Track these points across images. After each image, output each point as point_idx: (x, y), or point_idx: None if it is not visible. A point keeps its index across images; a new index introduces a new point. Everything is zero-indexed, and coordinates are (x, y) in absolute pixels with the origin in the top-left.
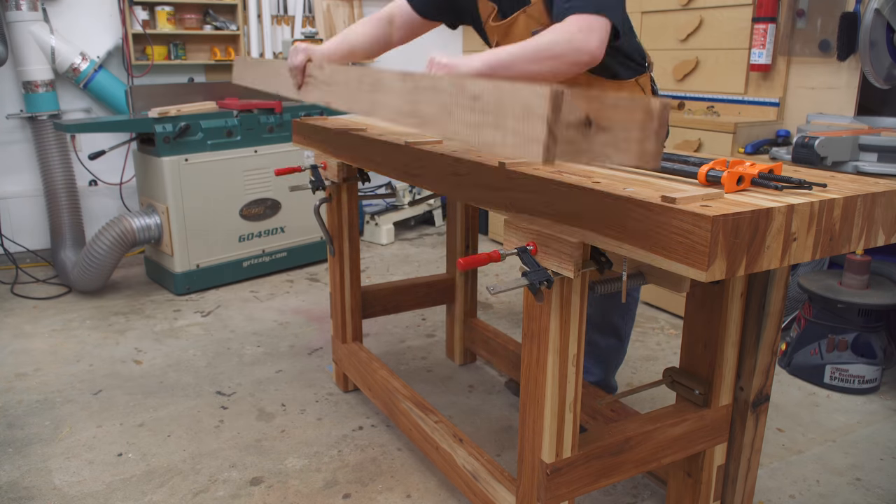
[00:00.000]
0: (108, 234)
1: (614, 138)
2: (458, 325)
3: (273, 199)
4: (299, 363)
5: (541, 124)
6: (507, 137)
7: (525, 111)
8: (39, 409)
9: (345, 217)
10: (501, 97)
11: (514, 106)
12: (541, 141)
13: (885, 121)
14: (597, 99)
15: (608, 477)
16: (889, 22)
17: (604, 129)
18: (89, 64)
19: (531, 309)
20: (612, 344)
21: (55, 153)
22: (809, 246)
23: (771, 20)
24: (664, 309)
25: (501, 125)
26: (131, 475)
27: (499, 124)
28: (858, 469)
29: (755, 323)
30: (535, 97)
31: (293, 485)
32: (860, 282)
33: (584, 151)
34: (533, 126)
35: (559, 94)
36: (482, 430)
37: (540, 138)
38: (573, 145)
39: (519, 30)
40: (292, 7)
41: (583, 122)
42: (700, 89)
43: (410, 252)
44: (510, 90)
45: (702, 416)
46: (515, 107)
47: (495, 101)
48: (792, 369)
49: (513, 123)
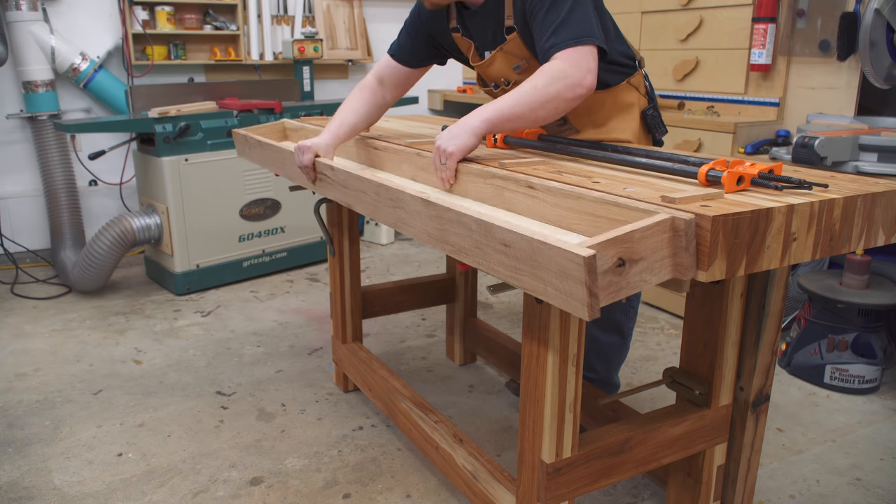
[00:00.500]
0: (108, 234)
1: (648, 264)
2: (458, 325)
3: (273, 199)
4: (299, 363)
5: (581, 288)
6: (549, 290)
7: (561, 272)
8: (39, 409)
9: (345, 217)
10: (533, 250)
11: (549, 263)
12: (584, 301)
13: (885, 121)
14: (626, 240)
15: (608, 477)
16: (889, 22)
17: (637, 261)
18: (89, 64)
19: (531, 309)
20: (614, 341)
21: (55, 153)
22: (809, 246)
23: (771, 20)
24: (664, 309)
25: (540, 277)
26: (131, 475)
27: (537, 276)
28: (858, 469)
29: (755, 323)
30: (569, 262)
31: (293, 485)
32: (860, 282)
33: (623, 287)
34: (573, 287)
35: (592, 258)
36: (482, 430)
37: (582, 299)
38: (612, 287)
39: (499, 67)
40: (292, 7)
41: (616, 264)
42: (700, 89)
43: (410, 252)
44: (541, 247)
45: (702, 416)
46: (550, 265)
47: (528, 252)
48: (792, 369)
49: (551, 278)
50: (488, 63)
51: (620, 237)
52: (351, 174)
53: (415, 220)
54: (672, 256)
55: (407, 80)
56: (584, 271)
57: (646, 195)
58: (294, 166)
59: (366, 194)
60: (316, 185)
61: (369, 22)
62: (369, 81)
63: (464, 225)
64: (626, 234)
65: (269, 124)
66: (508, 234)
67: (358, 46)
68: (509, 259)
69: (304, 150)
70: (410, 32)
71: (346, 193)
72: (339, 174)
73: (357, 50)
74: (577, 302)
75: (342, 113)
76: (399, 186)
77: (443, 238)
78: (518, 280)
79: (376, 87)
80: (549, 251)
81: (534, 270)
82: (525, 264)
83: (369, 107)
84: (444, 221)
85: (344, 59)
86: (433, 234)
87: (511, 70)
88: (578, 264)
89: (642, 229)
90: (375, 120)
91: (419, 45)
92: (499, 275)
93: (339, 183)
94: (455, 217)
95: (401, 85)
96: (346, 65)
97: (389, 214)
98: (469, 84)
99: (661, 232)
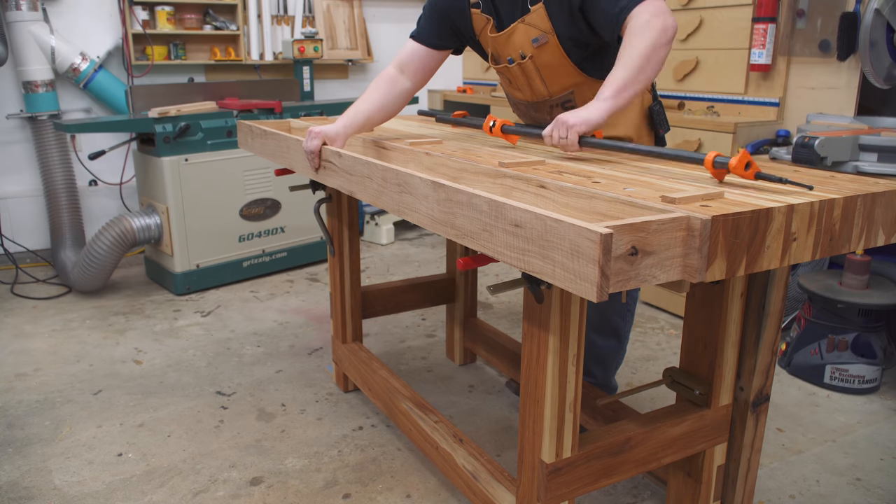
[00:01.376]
0: (108, 234)
1: (659, 259)
2: (458, 325)
3: (273, 199)
4: (299, 363)
5: (592, 266)
6: (557, 271)
7: (574, 250)
8: (39, 409)
9: (345, 217)
10: (546, 229)
11: (561, 242)
12: (594, 282)
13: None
14: (641, 228)
15: (608, 477)
16: (889, 22)
17: (649, 253)
18: (89, 64)
19: (531, 309)
20: (611, 345)
21: (55, 153)
22: (809, 246)
23: (771, 20)
24: (664, 309)
25: (549, 257)
26: (131, 475)
27: (545, 255)
28: (858, 469)
29: (755, 323)
30: (583, 239)
31: (293, 485)
32: (860, 282)
33: (632, 277)
34: (583, 266)
35: (608, 236)
36: (482, 430)
37: (593, 279)
38: (622, 275)
39: (518, 39)
40: (292, 7)
41: (629, 252)
42: (700, 89)
43: (410, 252)
44: (555, 225)
45: (702, 416)
46: (562, 243)
47: (539, 232)
48: (792, 369)
49: (561, 258)
50: (508, 34)
51: (637, 225)
52: (358, 159)
53: (420, 205)
54: (683, 256)
55: (430, 63)
56: (598, 249)
57: (646, 195)
58: (297, 155)
59: (371, 180)
60: (318, 173)
61: (369, 22)
62: (387, 70)
63: (474, 207)
64: (643, 223)
65: (275, 122)
66: (521, 213)
67: (358, 46)
68: (518, 240)
69: (314, 136)
70: (429, 14)
71: (349, 180)
72: (346, 160)
73: (357, 50)
74: (587, 283)
75: (358, 103)
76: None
77: (449, 222)
78: (524, 262)
79: (395, 76)
80: (564, 229)
81: (543, 251)
82: (535, 245)
83: (386, 96)
84: (452, 204)
85: (344, 59)
86: (439, 217)
87: (529, 43)
88: (594, 241)
89: (658, 222)
90: (395, 110)
91: (439, 26)
92: (505, 259)
93: (344, 170)
94: (465, 199)
95: (424, 69)
96: (346, 65)
97: (394, 200)
98: (469, 84)
99: (675, 229)
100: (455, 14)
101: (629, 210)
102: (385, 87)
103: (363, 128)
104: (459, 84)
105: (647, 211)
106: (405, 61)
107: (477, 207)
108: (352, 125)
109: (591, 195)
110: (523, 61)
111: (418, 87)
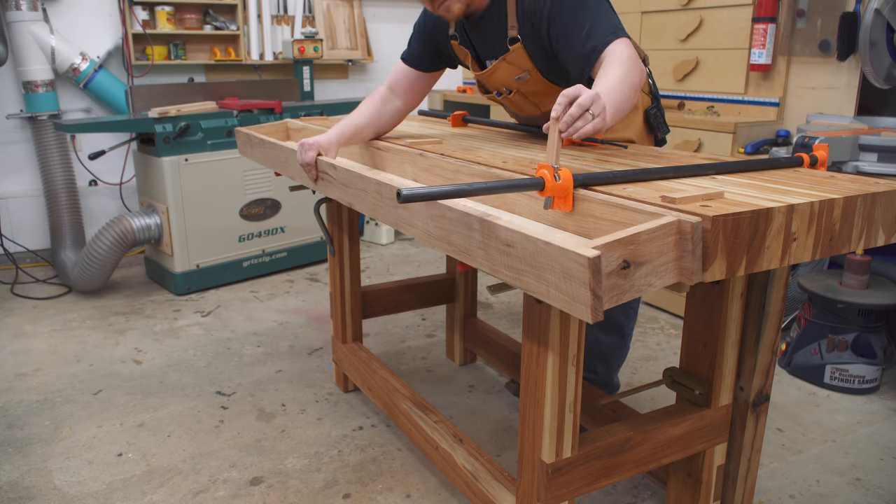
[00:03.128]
0: (108, 234)
1: (653, 267)
2: (458, 325)
3: (273, 199)
4: (299, 363)
5: (584, 289)
6: (551, 291)
7: (565, 272)
8: (39, 409)
9: (345, 217)
10: (536, 251)
11: (552, 264)
12: (587, 304)
13: (885, 121)
14: (631, 241)
15: (608, 477)
16: (889, 22)
17: (642, 263)
18: (89, 64)
19: (531, 309)
20: (614, 341)
21: (55, 153)
22: (809, 246)
23: (771, 20)
24: (664, 309)
25: (542, 278)
26: (131, 475)
27: (539, 276)
28: (858, 469)
29: (755, 323)
30: (572, 263)
31: (293, 485)
32: (860, 282)
33: (627, 290)
34: (576, 289)
35: (597, 259)
36: (482, 430)
37: (586, 301)
38: (616, 290)
39: (501, 76)
40: (292, 7)
41: (621, 266)
42: (700, 89)
43: (410, 252)
44: (544, 247)
45: (702, 416)
46: (554, 265)
47: (530, 253)
48: (792, 369)
49: (554, 280)
50: (490, 73)
51: (626, 238)
52: (352, 173)
53: (416, 220)
54: (677, 260)
55: (420, 84)
56: (588, 273)
57: (645, 195)
58: (296, 165)
59: (367, 193)
60: (318, 183)
61: (369, 22)
62: (380, 89)
63: (466, 225)
64: (632, 235)
65: (272, 124)
66: (512, 234)
67: (358, 46)
68: (511, 260)
69: (308, 148)
70: (418, 37)
71: (347, 192)
72: (341, 173)
73: (357, 50)
74: (581, 304)
75: (351, 115)
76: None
77: (445, 238)
78: (520, 281)
79: (386, 94)
80: (553, 252)
81: (536, 272)
82: (527, 265)
83: (376, 112)
84: (446, 221)
85: (344, 59)
86: (435, 233)
87: (513, 80)
88: (582, 265)
89: (648, 231)
90: (387, 127)
91: (427, 50)
92: (500, 276)
93: (341, 182)
94: (458, 217)
95: (413, 90)
96: (346, 65)
97: (390, 214)
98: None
99: (666, 235)
100: (440, 39)
101: (620, 213)
102: (377, 104)
103: (352, 140)
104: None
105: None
106: (395, 82)
107: (469, 225)
108: (343, 135)
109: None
110: (511, 96)
111: (410, 106)
